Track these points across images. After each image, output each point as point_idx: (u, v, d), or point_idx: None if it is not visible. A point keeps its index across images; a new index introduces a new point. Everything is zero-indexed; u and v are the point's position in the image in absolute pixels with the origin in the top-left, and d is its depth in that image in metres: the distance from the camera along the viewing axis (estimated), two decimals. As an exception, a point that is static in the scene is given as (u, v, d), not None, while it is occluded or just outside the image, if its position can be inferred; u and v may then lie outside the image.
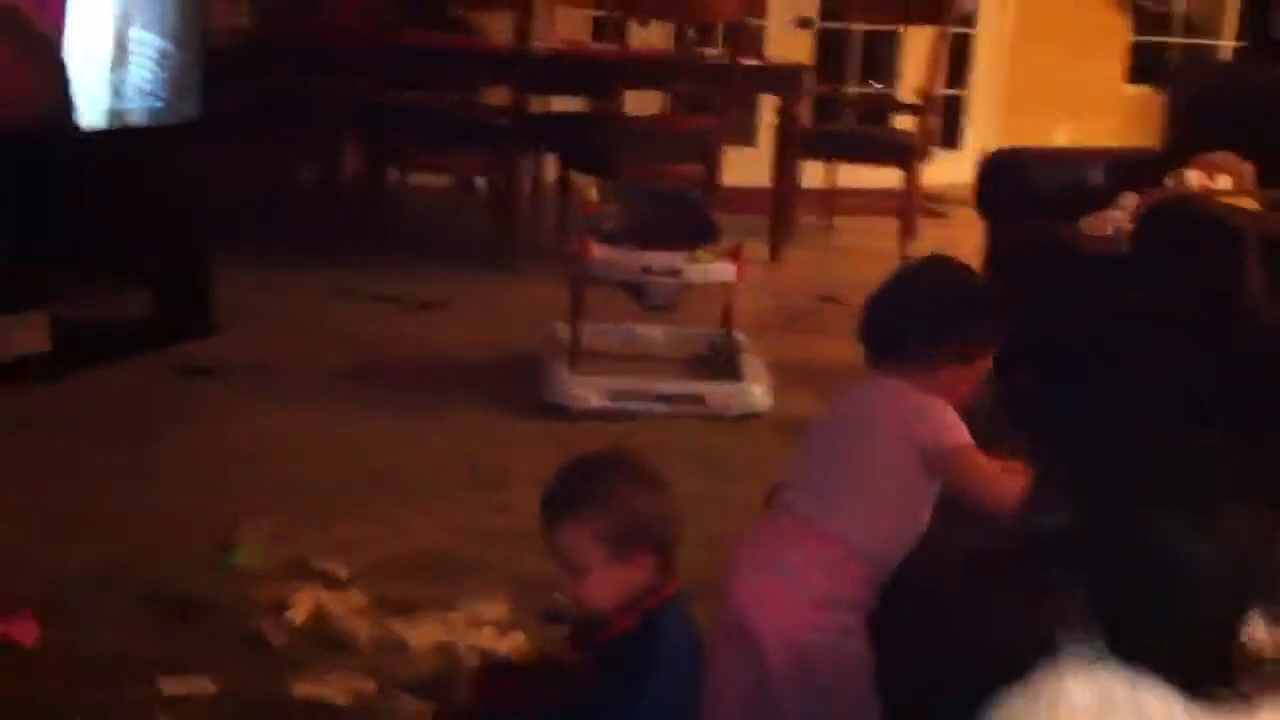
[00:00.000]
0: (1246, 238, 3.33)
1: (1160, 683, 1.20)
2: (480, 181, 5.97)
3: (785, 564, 1.93)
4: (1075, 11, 7.63)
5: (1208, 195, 3.77)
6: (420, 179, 5.69)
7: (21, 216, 3.61)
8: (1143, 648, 1.22)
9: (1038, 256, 3.99)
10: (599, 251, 3.78)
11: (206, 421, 3.50)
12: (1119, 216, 3.95)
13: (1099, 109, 7.46)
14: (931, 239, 6.06)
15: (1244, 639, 1.25)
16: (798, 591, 1.91)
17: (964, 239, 6.20)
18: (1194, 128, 4.28)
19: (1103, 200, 4.10)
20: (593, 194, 3.93)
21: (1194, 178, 3.93)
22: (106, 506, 2.97)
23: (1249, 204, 3.65)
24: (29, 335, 3.64)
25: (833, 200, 6.25)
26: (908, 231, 5.83)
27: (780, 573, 1.92)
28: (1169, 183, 3.98)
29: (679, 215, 3.98)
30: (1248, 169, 3.91)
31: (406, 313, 4.60)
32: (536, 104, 5.68)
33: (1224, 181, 3.88)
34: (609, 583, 1.84)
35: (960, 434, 1.94)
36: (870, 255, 5.95)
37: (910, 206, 5.82)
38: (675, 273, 3.80)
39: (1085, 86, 7.54)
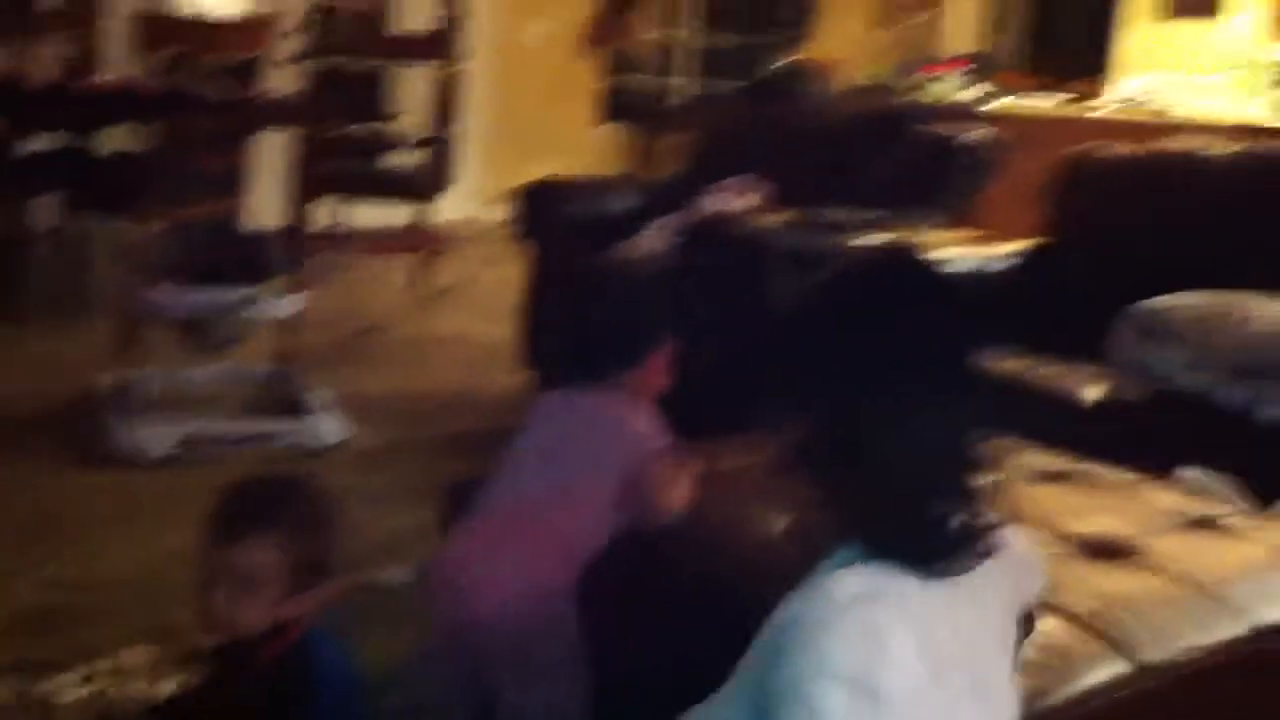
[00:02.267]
0: (775, 250, 3.70)
1: (904, 570, 1.36)
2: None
3: (501, 556, 2.03)
4: (547, 53, 8.05)
5: (737, 215, 4.12)
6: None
7: None
8: (882, 542, 1.37)
9: (581, 281, 4.20)
10: (161, 290, 3.63)
11: None
12: (658, 238, 4.25)
13: (576, 146, 7.89)
14: (446, 273, 6.21)
15: (955, 525, 1.40)
16: (514, 579, 2.01)
17: (477, 271, 6.42)
18: (709, 157, 4.66)
19: (635, 225, 4.39)
20: (151, 230, 3.76)
21: (719, 201, 4.28)
22: None
23: (773, 220, 4.01)
24: None
25: (342, 238, 6.24)
26: (424, 266, 5.93)
27: (496, 563, 2.02)
28: (696, 206, 4.31)
29: (235, 251, 3.87)
30: (763, 190, 4.30)
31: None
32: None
33: (746, 202, 4.25)
34: (275, 605, 1.82)
35: (648, 444, 2.10)
36: (388, 290, 6.03)
37: (424, 242, 5.92)
38: (242, 306, 3.71)
39: (563, 125, 7.96)
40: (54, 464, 3.47)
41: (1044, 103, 6.40)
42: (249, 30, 5.59)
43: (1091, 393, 2.87)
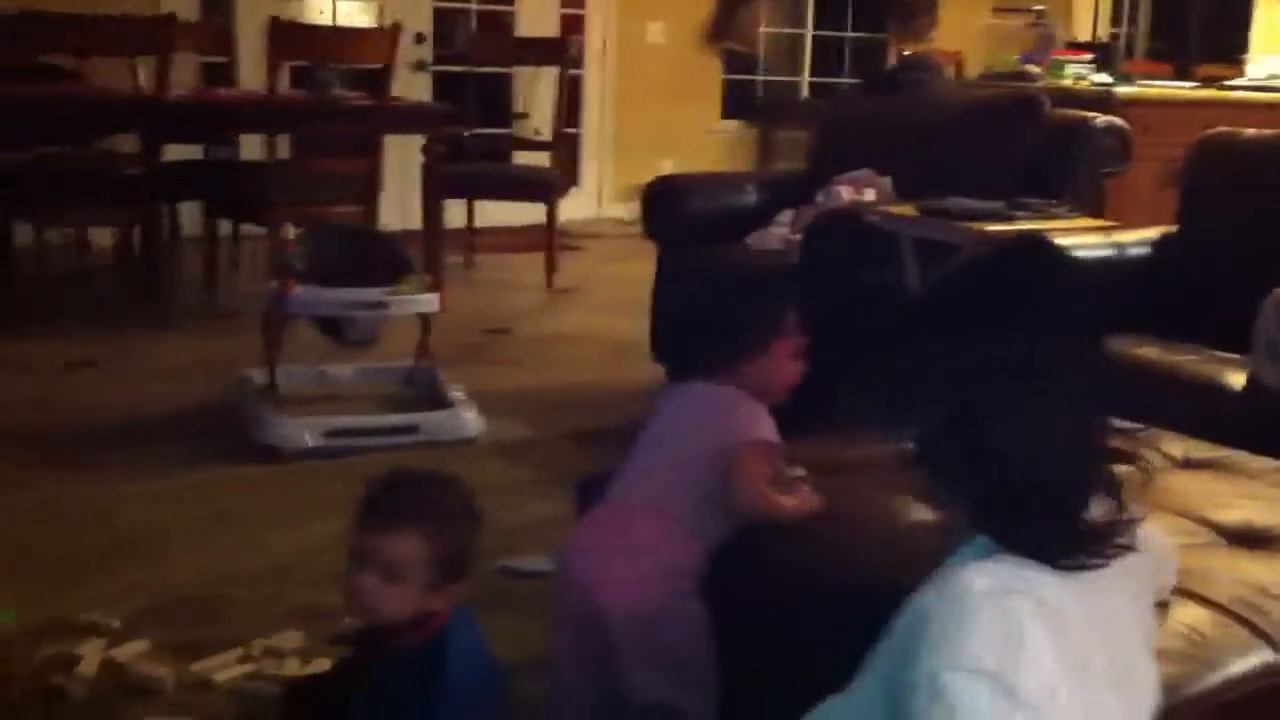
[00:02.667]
0: (903, 238, 3.70)
1: (1038, 563, 1.37)
2: (107, 236, 5.70)
3: (624, 543, 2.06)
4: (669, 55, 8.09)
5: (864, 206, 4.12)
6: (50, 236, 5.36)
7: None
8: (1016, 536, 1.38)
9: (707, 274, 4.23)
10: (300, 290, 3.73)
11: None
12: (783, 232, 4.27)
13: (697, 143, 7.93)
14: (572, 271, 6.29)
15: (1092, 519, 1.41)
16: (638, 565, 2.03)
17: (603, 268, 6.50)
18: (830, 150, 4.66)
19: (760, 219, 4.42)
20: (289, 234, 3.86)
21: (844, 192, 4.28)
22: None
23: (901, 211, 4.01)
24: None
25: (472, 238, 6.36)
26: (551, 264, 6.01)
27: (620, 551, 2.05)
28: (820, 199, 4.32)
29: (372, 252, 3.97)
30: (885, 182, 4.29)
31: (53, 376, 4.35)
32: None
33: (870, 194, 4.25)
34: (414, 600, 1.88)
35: (751, 432, 2.09)
36: (517, 288, 6.12)
37: (552, 240, 6.00)
38: (382, 305, 3.80)
39: (684, 123, 8.00)
40: (200, 459, 3.59)
41: (1176, 86, 6.28)
42: (379, 38, 5.70)
43: (1236, 379, 2.83)
